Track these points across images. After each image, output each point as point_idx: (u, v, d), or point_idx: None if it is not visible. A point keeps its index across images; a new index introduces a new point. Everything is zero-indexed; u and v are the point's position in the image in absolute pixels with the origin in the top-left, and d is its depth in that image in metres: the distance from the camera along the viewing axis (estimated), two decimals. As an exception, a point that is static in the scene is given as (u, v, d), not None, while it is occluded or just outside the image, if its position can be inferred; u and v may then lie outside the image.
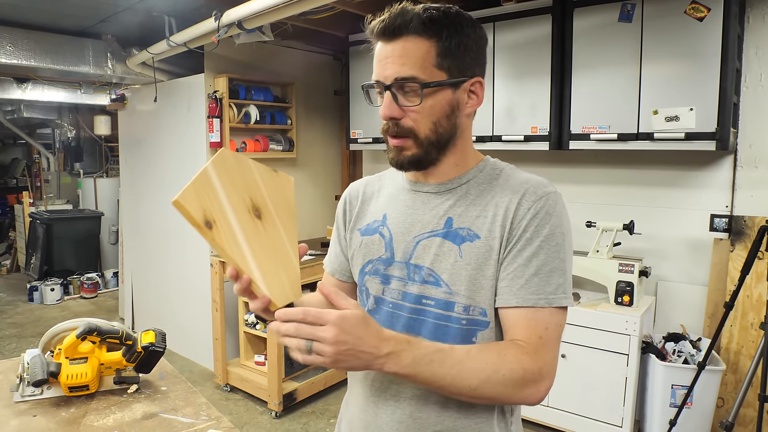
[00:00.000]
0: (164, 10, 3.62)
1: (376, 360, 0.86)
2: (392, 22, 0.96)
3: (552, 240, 0.97)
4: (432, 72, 0.96)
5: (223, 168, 0.89)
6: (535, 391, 0.93)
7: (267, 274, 0.90)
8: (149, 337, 1.63)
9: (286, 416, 3.55)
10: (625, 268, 2.99)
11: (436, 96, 0.98)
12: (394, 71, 0.96)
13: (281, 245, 0.93)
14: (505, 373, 0.91)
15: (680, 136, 2.71)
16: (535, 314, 0.95)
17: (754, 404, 2.65)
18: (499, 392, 0.92)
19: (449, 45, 0.96)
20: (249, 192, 0.91)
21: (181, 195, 0.83)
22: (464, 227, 1.01)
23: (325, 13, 3.31)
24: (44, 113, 7.34)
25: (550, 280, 0.96)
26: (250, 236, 0.89)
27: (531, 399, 0.94)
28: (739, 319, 2.90)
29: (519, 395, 0.93)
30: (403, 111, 0.98)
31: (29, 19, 3.80)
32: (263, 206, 0.92)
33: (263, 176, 0.94)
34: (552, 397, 3.12)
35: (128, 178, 5.27)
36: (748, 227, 2.91)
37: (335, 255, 1.24)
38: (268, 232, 0.92)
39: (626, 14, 2.82)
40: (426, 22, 0.95)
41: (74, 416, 1.46)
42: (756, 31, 2.86)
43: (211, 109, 3.89)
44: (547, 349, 0.95)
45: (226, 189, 0.89)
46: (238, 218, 0.89)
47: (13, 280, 7.33)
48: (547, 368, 0.94)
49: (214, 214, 0.86)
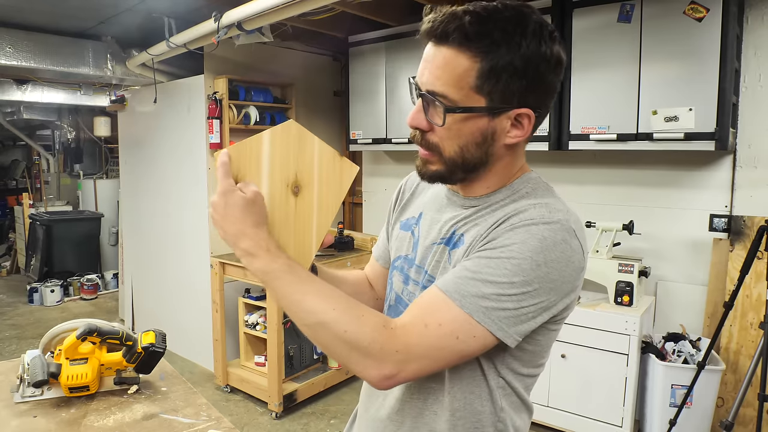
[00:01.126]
0: (164, 11, 3.62)
1: (235, 246, 0.90)
2: (436, 27, 0.85)
3: (515, 259, 0.83)
4: (467, 94, 0.85)
5: (282, 139, 0.94)
6: (371, 368, 0.84)
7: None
8: (149, 337, 1.63)
9: (286, 417, 3.55)
10: (624, 268, 2.99)
11: (466, 122, 0.87)
12: (428, 82, 0.87)
13: (305, 226, 0.96)
14: (348, 329, 0.83)
15: (679, 137, 2.71)
16: (439, 303, 0.84)
17: (753, 404, 2.65)
18: (330, 343, 0.85)
19: (495, 65, 0.83)
20: (297, 167, 0.94)
21: (225, 149, 0.91)
22: (459, 233, 0.96)
23: (325, 14, 3.32)
24: (44, 115, 7.33)
25: (481, 287, 0.83)
26: (275, 207, 0.94)
27: (364, 374, 0.85)
28: (738, 318, 2.90)
29: (352, 361, 0.85)
30: (430, 125, 0.90)
31: (29, 20, 3.80)
32: (306, 186, 0.95)
33: (323, 158, 0.96)
34: (552, 397, 3.12)
35: (128, 179, 5.27)
36: (747, 227, 2.91)
37: (382, 241, 1.24)
38: (299, 211, 0.95)
39: (625, 15, 2.83)
40: (471, 34, 0.82)
41: (74, 417, 1.46)
42: (755, 31, 2.86)
43: (210, 110, 3.89)
44: (421, 342, 0.83)
45: (273, 158, 0.93)
46: (271, 188, 0.93)
47: (13, 282, 7.32)
48: (404, 357, 0.83)
49: (247, 177, 0.92)
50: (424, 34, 0.88)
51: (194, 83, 4.13)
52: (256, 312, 3.77)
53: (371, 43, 3.98)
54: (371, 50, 3.98)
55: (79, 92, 5.67)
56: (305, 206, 0.95)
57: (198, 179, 4.13)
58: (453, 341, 0.83)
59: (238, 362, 3.94)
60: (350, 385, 3.99)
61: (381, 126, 3.97)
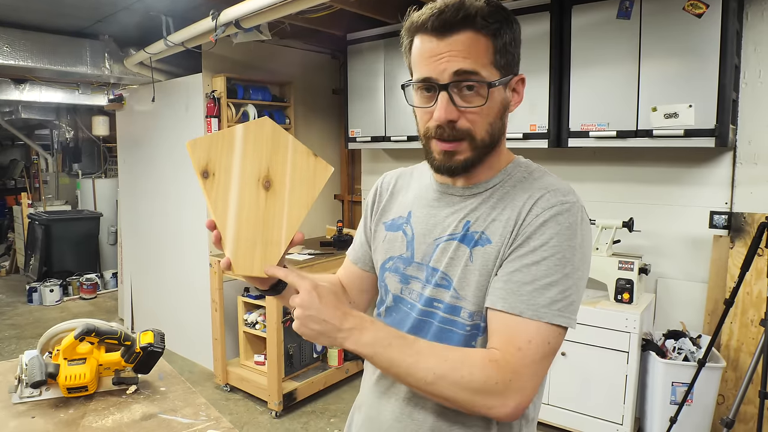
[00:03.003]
0: (162, 9, 3.61)
1: (338, 333, 0.89)
2: (453, 15, 0.89)
3: (558, 252, 0.90)
4: (490, 70, 0.92)
5: (256, 134, 0.94)
6: (498, 404, 0.87)
7: (240, 240, 0.94)
8: (148, 337, 1.62)
9: (286, 416, 3.54)
10: (624, 266, 2.98)
11: (494, 96, 0.93)
12: (455, 66, 0.90)
13: (276, 222, 0.95)
14: (464, 375, 0.86)
15: (679, 133, 2.70)
16: (518, 324, 0.89)
17: (754, 401, 2.64)
18: (454, 394, 0.87)
19: (505, 42, 0.93)
20: (270, 163, 0.94)
21: (195, 140, 0.92)
22: (478, 231, 0.97)
23: (323, 12, 3.31)
24: (42, 114, 7.32)
25: (546, 293, 0.89)
26: (244, 201, 0.94)
27: (494, 412, 0.88)
28: (739, 316, 2.90)
29: (478, 403, 0.87)
30: (460, 113, 0.92)
31: (26, 19, 3.78)
32: (278, 182, 0.94)
33: (297, 155, 0.96)
34: (552, 395, 3.12)
35: (127, 178, 5.27)
36: (747, 224, 2.91)
37: (360, 244, 1.23)
38: (268, 206, 0.94)
39: (625, 11, 2.82)
40: (488, 17, 0.90)
41: (73, 417, 1.46)
42: (754, 27, 2.85)
43: (209, 108, 3.88)
44: (524, 364, 0.87)
45: (245, 151, 0.93)
46: (241, 181, 0.93)
47: (12, 282, 7.32)
48: (519, 383, 0.87)
49: (216, 168, 0.93)
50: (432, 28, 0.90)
51: (192, 82, 4.12)
52: (255, 311, 3.77)
53: (370, 41, 3.96)
54: (370, 48, 3.97)
55: (77, 91, 5.67)
56: (276, 202, 0.94)
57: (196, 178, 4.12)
58: (546, 348, 0.90)
59: (237, 361, 3.94)
60: (350, 383, 3.98)
61: (380, 124, 3.96)
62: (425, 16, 0.91)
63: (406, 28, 0.97)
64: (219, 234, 0.93)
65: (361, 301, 1.25)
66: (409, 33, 0.96)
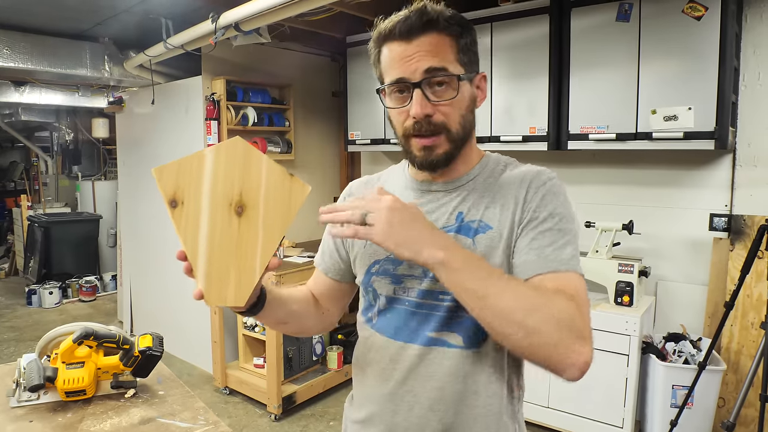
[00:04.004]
0: (161, 12, 3.61)
1: (432, 240, 0.88)
2: (418, 20, 0.97)
3: (561, 217, 0.98)
4: (457, 67, 0.99)
5: (226, 156, 0.89)
6: (580, 349, 0.85)
7: (212, 270, 0.90)
8: (146, 341, 1.62)
9: (285, 419, 3.54)
10: (624, 268, 2.98)
11: (462, 89, 1.00)
12: (424, 64, 0.97)
13: (250, 249, 0.90)
14: (555, 312, 0.85)
15: (679, 136, 2.70)
16: (559, 277, 0.93)
17: (755, 404, 2.64)
18: (549, 331, 0.84)
19: (466, 42, 1.01)
20: (243, 187, 0.90)
21: (161, 167, 0.87)
22: (475, 219, 1.02)
23: (323, 15, 3.31)
24: (42, 116, 7.31)
25: (565, 250, 0.96)
26: (216, 229, 0.89)
27: (573, 358, 0.85)
28: (739, 318, 2.89)
29: (565, 341, 0.84)
30: (434, 107, 0.98)
31: (26, 22, 3.78)
32: (251, 206, 0.90)
33: (271, 177, 0.91)
34: (552, 398, 3.11)
35: (126, 180, 5.26)
36: (747, 226, 2.91)
37: (329, 253, 1.22)
38: (242, 232, 0.90)
39: (624, 14, 2.82)
40: (449, 20, 0.99)
41: (71, 421, 1.45)
42: (753, 29, 2.86)
43: (208, 111, 3.88)
44: (586, 311, 0.89)
45: (215, 176, 0.89)
46: (212, 207, 0.89)
47: (12, 284, 7.31)
48: (589, 332, 0.88)
49: (185, 196, 0.88)
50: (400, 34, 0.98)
51: (192, 84, 4.12)
52: (254, 313, 3.75)
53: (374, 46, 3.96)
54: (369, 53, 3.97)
55: (77, 94, 5.66)
56: (249, 228, 0.90)
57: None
58: (587, 295, 0.94)
59: (237, 364, 3.93)
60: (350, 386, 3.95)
61: (379, 127, 3.96)
62: (392, 24, 0.99)
63: (375, 39, 1.03)
64: (188, 266, 0.90)
65: (335, 310, 1.26)
66: (377, 43, 1.03)
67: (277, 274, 3.47)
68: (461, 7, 3.42)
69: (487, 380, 1.02)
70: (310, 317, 1.21)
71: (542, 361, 0.87)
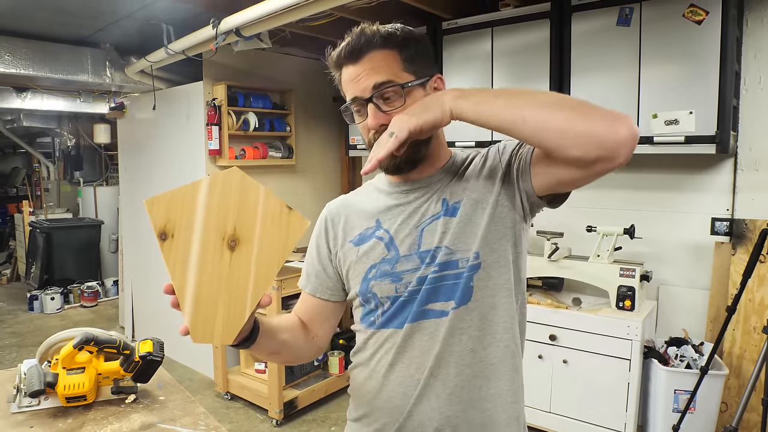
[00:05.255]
0: (162, 18, 3.62)
1: (443, 96, 1.00)
2: (357, 42, 1.07)
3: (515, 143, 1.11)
4: (403, 76, 1.07)
5: (222, 187, 0.86)
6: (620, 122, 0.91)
7: (200, 308, 0.87)
8: (147, 346, 1.62)
9: (286, 424, 3.53)
10: (626, 273, 2.97)
11: (412, 95, 1.07)
12: (371, 81, 1.05)
13: (241, 285, 0.87)
14: (576, 103, 0.95)
15: (680, 140, 2.70)
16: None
17: (757, 409, 2.62)
18: (583, 118, 0.92)
19: (410, 52, 1.09)
20: (237, 220, 0.86)
21: (153, 198, 0.84)
22: (460, 200, 1.10)
23: (324, 20, 3.32)
24: (44, 122, 7.34)
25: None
26: (206, 264, 0.86)
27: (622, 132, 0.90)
28: (741, 323, 2.88)
29: (608, 124, 0.91)
30: (388, 116, 1.06)
31: (27, 28, 3.80)
32: (245, 240, 0.86)
33: (268, 210, 0.87)
34: (554, 403, 3.10)
35: (128, 186, 5.27)
36: (749, 230, 2.90)
37: (315, 274, 1.24)
38: (233, 268, 0.87)
39: (624, 18, 2.82)
40: (386, 36, 1.07)
41: (71, 427, 1.45)
42: (754, 34, 2.86)
43: (209, 116, 3.89)
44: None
45: (209, 208, 0.85)
46: (203, 242, 0.86)
47: (14, 289, 7.31)
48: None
49: (176, 228, 0.85)
50: (345, 58, 1.08)
51: (193, 90, 4.13)
52: (256, 319, 3.75)
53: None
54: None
55: (78, 99, 5.68)
56: (242, 264, 0.86)
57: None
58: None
59: (238, 369, 3.93)
60: (351, 391, 3.96)
61: (380, 131, 3.96)
62: (339, 51, 1.10)
63: (330, 65, 1.13)
64: (174, 301, 0.88)
65: (324, 331, 1.27)
66: (335, 69, 1.13)
67: (278, 279, 3.46)
68: (461, 13, 3.44)
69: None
70: (301, 345, 1.22)
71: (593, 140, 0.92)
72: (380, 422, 1.14)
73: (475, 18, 3.33)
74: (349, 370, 1.27)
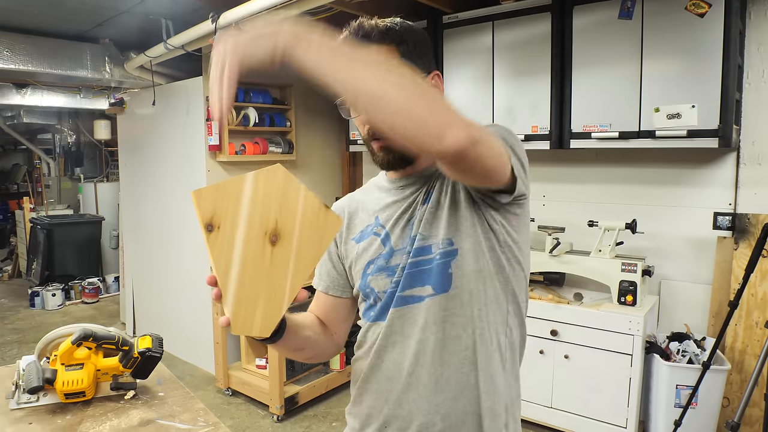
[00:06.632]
0: (161, 13, 3.61)
1: (279, 35, 0.87)
2: (355, 37, 1.07)
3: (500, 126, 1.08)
4: None
5: (267, 183, 0.87)
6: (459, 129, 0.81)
7: (241, 300, 0.87)
8: (146, 342, 1.61)
9: (287, 420, 3.53)
10: (628, 268, 2.96)
11: None
12: None
13: (280, 280, 0.88)
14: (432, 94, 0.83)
15: (682, 134, 2.69)
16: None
17: (760, 404, 2.62)
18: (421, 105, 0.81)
19: (408, 47, 1.08)
20: (279, 216, 0.87)
21: (201, 189, 0.84)
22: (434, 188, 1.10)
23: (323, 15, 3.30)
24: (44, 118, 7.33)
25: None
26: (249, 256, 0.87)
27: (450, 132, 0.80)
28: (743, 317, 2.87)
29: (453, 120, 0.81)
30: None
31: (26, 23, 3.79)
32: (286, 236, 0.88)
33: (308, 208, 0.88)
34: (555, 398, 3.09)
35: (128, 182, 5.26)
36: (751, 225, 2.89)
37: (326, 272, 1.26)
38: (274, 262, 0.88)
39: (626, 11, 2.80)
40: (384, 31, 1.07)
41: (70, 423, 1.45)
42: (758, 27, 2.84)
43: (209, 112, 3.87)
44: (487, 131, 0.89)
45: (254, 203, 0.86)
46: (247, 235, 0.86)
47: (15, 286, 7.32)
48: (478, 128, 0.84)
49: (222, 220, 0.85)
50: None
51: (193, 85, 4.12)
52: (256, 314, 3.75)
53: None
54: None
55: (78, 95, 5.67)
56: (282, 258, 0.88)
57: (197, 181, 4.11)
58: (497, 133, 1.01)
59: (239, 365, 3.93)
60: (352, 387, 3.96)
61: (381, 126, 3.95)
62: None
63: None
64: (218, 292, 0.88)
65: (342, 330, 1.30)
66: None
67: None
68: (462, 6, 3.42)
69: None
70: (322, 342, 1.25)
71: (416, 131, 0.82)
72: (372, 409, 1.17)
73: (476, 12, 3.31)
74: (351, 364, 1.28)
